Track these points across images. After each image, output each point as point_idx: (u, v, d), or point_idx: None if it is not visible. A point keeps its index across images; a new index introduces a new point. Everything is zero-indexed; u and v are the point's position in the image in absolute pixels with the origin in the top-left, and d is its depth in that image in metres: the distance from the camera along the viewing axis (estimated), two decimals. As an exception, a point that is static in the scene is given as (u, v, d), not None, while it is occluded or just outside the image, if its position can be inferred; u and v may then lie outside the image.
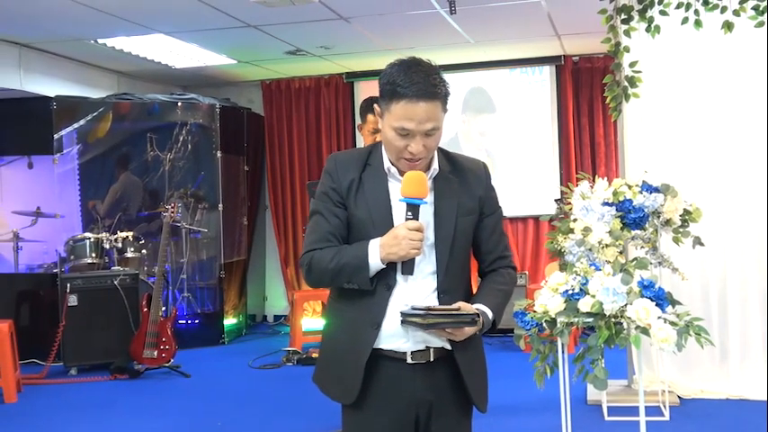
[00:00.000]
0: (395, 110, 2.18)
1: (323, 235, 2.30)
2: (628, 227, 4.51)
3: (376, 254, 2.21)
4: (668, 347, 3.00)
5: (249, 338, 8.52)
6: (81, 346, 6.81)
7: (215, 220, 8.14)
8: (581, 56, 8.29)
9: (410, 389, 2.29)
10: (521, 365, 3.96)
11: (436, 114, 2.19)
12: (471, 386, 2.34)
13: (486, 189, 2.42)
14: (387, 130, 2.24)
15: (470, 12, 6.22)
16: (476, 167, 2.44)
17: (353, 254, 2.24)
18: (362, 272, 2.22)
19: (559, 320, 3.23)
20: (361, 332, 2.28)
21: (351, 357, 2.30)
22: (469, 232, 2.37)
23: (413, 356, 2.28)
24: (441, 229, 2.29)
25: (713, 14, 5.13)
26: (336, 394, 2.38)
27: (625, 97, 5.32)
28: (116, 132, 7.99)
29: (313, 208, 2.38)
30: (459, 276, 2.34)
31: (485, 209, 2.41)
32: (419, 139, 2.19)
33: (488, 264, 2.44)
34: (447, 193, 2.32)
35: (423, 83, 2.17)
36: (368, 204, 2.29)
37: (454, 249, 2.30)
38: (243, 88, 9.37)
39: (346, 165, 2.34)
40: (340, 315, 2.39)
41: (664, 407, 4.99)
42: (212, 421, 5.41)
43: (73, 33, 6.66)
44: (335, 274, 2.26)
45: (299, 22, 6.46)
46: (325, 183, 2.34)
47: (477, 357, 2.41)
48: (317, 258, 2.28)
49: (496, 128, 8.53)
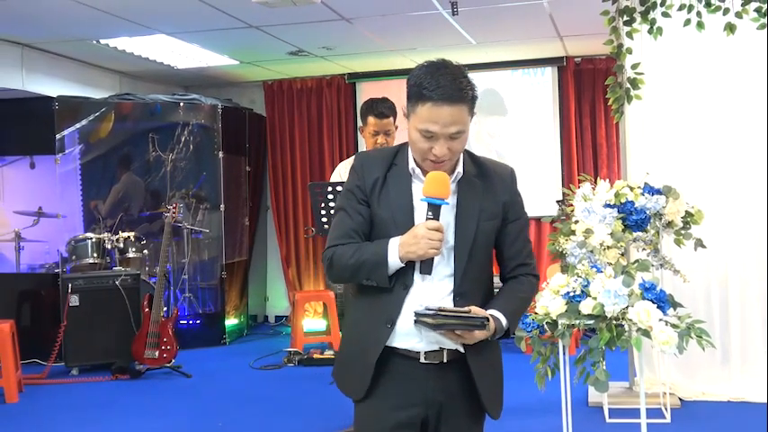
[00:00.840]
0: (420, 112, 2.18)
1: (346, 231, 2.32)
2: (629, 229, 4.51)
3: (395, 252, 2.22)
4: (669, 350, 3.00)
5: (250, 339, 8.52)
6: (82, 347, 6.81)
7: (216, 220, 8.14)
8: (583, 57, 8.29)
9: (422, 388, 2.29)
10: (522, 367, 3.96)
11: (462, 118, 2.19)
12: (483, 392, 2.34)
13: (511, 194, 2.40)
14: (412, 132, 2.24)
15: (472, 13, 6.22)
16: (502, 172, 2.42)
17: (373, 251, 2.25)
18: (381, 269, 2.23)
19: (561, 322, 3.23)
20: (376, 329, 2.29)
21: (363, 353, 2.31)
22: (491, 237, 2.36)
23: (426, 356, 2.28)
24: (461, 232, 2.29)
25: (715, 16, 5.14)
26: (348, 389, 2.40)
27: (627, 99, 5.32)
28: (118, 132, 7.99)
29: (338, 204, 2.40)
30: (477, 281, 2.33)
31: (509, 214, 2.39)
32: (443, 141, 2.19)
33: (510, 270, 2.43)
34: (470, 197, 2.32)
35: (449, 86, 2.16)
36: (390, 204, 2.30)
37: (473, 253, 2.29)
38: (245, 89, 9.37)
39: (372, 163, 2.35)
40: (358, 311, 2.42)
41: (665, 409, 4.99)
42: (213, 422, 5.41)
43: (75, 33, 6.67)
44: (355, 270, 2.28)
45: (301, 22, 6.46)
46: (351, 180, 2.36)
47: (493, 363, 2.41)
48: (339, 254, 2.30)
49: (497, 129, 8.52)
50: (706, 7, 5.15)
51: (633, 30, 5.28)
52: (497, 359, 2.44)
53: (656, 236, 4.71)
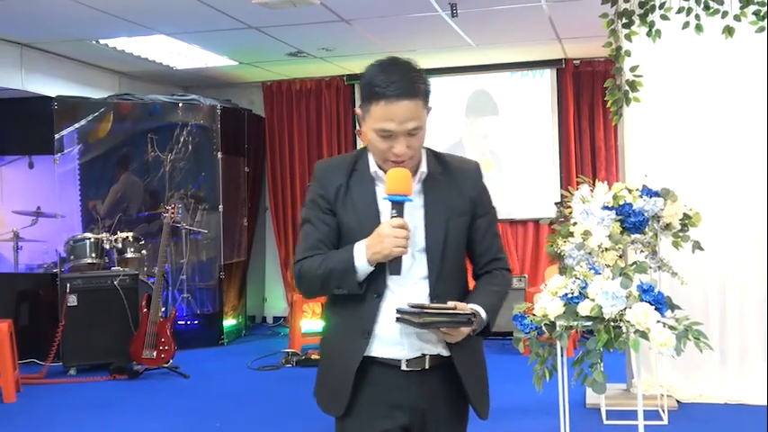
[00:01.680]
0: (374, 111, 2.13)
1: (313, 243, 2.25)
2: (627, 231, 4.52)
3: (362, 255, 2.14)
4: (667, 351, 3.01)
5: (248, 339, 8.52)
6: (80, 347, 6.81)
7: (215, 221, 8.14)
8: (582, 59, 8.30)
9: (404, 397, 2.23)
10: (520, 369, 3.96)
11: (417, 113, 2.13)
12: (471, 392, 2.27)
13: (478, 189, 2.34)
14: (369, 133, 2.18)
15: (472, 15, 6.23)
16: (467, 167, 2.36)
17: (340, 258, 2.18)
18: (350, 275, 2.16)
19: (559, 324, 3.24)
20: (352, 341, 2.22)
21: (341, 367, 2.24)
22: (462, 234, 2.29)
23: (408, 364, 2.21)
24: (431, 232, 2.22)
25: (714, 19, 5.15)
26: (328, 406, 2.32)
27: (626, 101, 5.33)
28: (117, 133, 7.99)
29: (303, 216, 2.33)
30: (452, 280, 2.27)
31: (477, 210, 2.32)
32: (402, 139, 2.13)
33: (482, 266, 2.36)
34: (437, 195, 2.26)
35: (401, 81, 2.11)
36: (356, 210, 2.23)
37: (446, 252, 2.23)
38: (244, 89, 9.37)
39: (333, 171, 2.29)
40: (332, 324, 2.34)
41: (662, 411, 4.99)
42: (211, 422, 5.41)
43: (74, 33, 6.67)
44: (324, 279, 2.21)
45: (301, 23, 6.47)
46: (314, 190, 2.29)
47: (478, 362, 2.35)
48: (307, 267, 2.23)
49: (496, 131, 8.53)
50: (705, 10, 5.16)
51: (632, 32, 5.29)
52: (482, 357, 2.38)
53: (654, 238, 4.72)
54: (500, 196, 8.45)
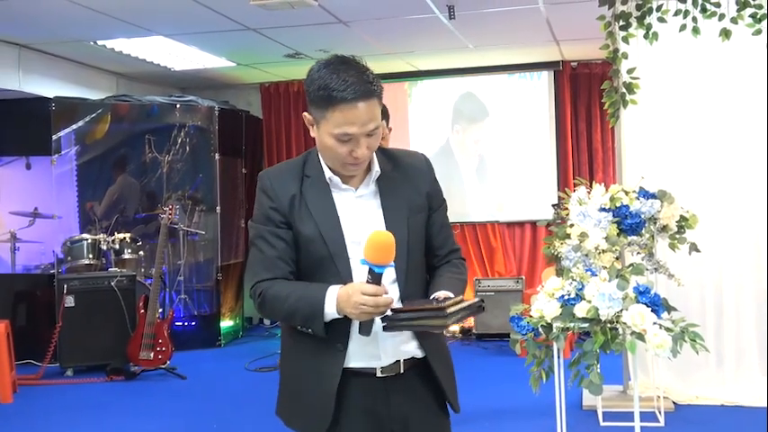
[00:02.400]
0: (333, 116, 2.05)
1: (271, 262, 2.15)
2: (624, 233, 4.53)
3: (332, 304, 2.06)
4: (663, 353, 3.02)
5: (246, 341, 8.51)
6: (77, 348, 6.80)
7: (212, 222, 8.14)
8: (579, 61, 8.32)
9: (383, 404, 2.19)
10: (517, 370, 3.97)
11: (376, 113, 2.07)
12: (447, 388, 2.26)
13: (431, 183, 2.30)
14: (325, 138, 2.10)
15: (469, 17, 6.24)
16: (417, 162, 2.31)
17: (309, 301, 2.09)
18: (317, 320, 2.07)
19: (555, 325, 3.25)
20: (326, 354, 2.14)
21: (316, 385, 2.17)
22: (422, 231, 2.25)
23: (383, 371, 2.17)
24: (394, 233, 2.10)
25: (711, 22, 5.16)
26: (304, 426, 2.24)
27: (623, 103, 5.34)
28: (114, 134, 7.99)
29: (254, 233, 2.21)
30: (418, 278, 2.24)
31: (432, 203, 2.29)
32: (363, 141, 2.07)
33: (441, 258, 2.32)
34: (394, 194, 2.21)
35: (358, 82, 2.03)
36: (314, 220, 2.14)
37: (410, 252, 2.18)
38: (242, 91, 9.38)
39: (282, 180, 2.19)
40: (298, 341, 2.22)
41: (659, 412, 5.00)
42: (208, 423, 5.41)
43: (72, 34, 6.67)
44: (289, 315, 2.14)
45: (299, 25, 6.47)
46: (264, 203, 2.18)
47: (447, 357, 2.33)
48: (271, 296, 2.14)
49: (494, 132, 8.54)
50: (701, 13, 5.17)
51: (629, 35, 5.30)
52: (448, 352, 2.35)
53: (650, 240, 4.73)
54: (497, 198, 8.47)
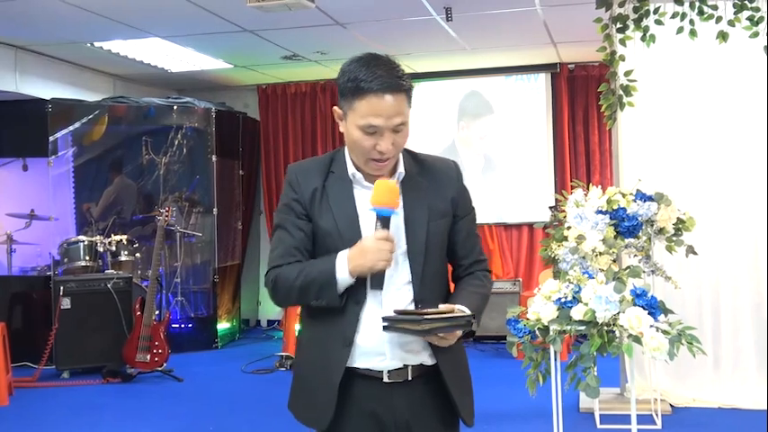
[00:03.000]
0: (360, 107, 2.05)
1: (287, 250, 2.17)
2: (621, 235, 4.52)
3: (344, 267, 2.06)
4: (660, 356, 3.02)
5: (242, 343, 8.50)
6: (74, 350, 6.79)
7: (209, 224, 8.13)
8: (577, 64, 8.32)
9: (387, 409, 2.15)
10: (513, 373, 3.96)
11: (403, 108, 2.07)
12: (458, 399, 2.20)
13: (458, 190, 2.27)
14: (352, 131, 2.09)
15: (467, 19, 6.24)
16: (446, 167, 2.29)
17: (320, 269, 2.09)
18: (330, 288, 2.07)
19: (552, 328, 3.25)
20: (333, 351, 2.13)
21: (322, 379, 2.16)
22: (444, 236, 2.22)
23: (390, 375, 2.14)
24: (412, 235, 2.14)
25: (708, 24, 5.17)
26: (309, 420, 2.22)
27: (620, 106, 5.34)
28: (111, 135, 7.98)
29: (276, 222, 2.24)
30: (435, 284, 2.20)
31: (458, 210, 2.25)
32: (388, 135, 2.07)
33: (465, 268, 2.30)
34: (416, 197, 2.18)
35: (386, 75, 2.05)
36: (333, 215, 2.15)
37: (428, 256, 2.16)
38: (239, 92, 9.37)
39: (307, 174, 2.21)
40: (311, 333, 2.24)
41: (656, 415, 5.00)
42: (204, 426, 5.40)
43: (69, 36, 6.66)
44: (302, 291, 2.12)
45: (296, 27, 6.47)
46: (288, 194, 2.21)
47: (462, 368, 2.29)
48: (283, 276, 2.14)
49: (493, 133, 8.54)
50: (699, 15, 5.18)
51: (626, 37, 5.30)
52: (465, 362, 2.31)
53: (647, 242, 4.73)
54: (495, 200, 8.46)
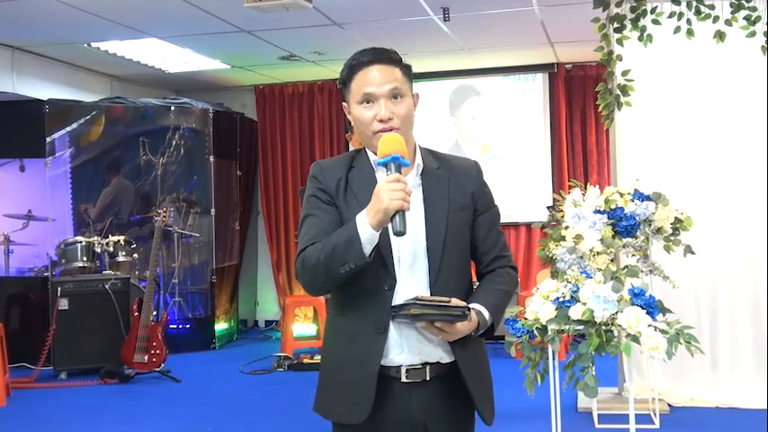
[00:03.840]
0: (354, 84, 2.19)
1: (316, 233, 2.16)
2: (619, 235, 4.52)
3: (364, 221, 2.03)
4: (658, 355, 3.01)
5: (240, 344, 8.50)
6: (71, 351, 6.78)
7: (207, 224, 8.13)
8: (574, 63, 8.32)
9: (406, 409, 2.16)
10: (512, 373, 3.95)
11: (395, 76, 2.16)
12: (477, 397, 2.21)
13: (479, 185, 2.29)
14: (354, 111, 2.20)
15: (464, 19, 6.24)
16: (466, 165, 2.33)
17: (341, 232, 2.09)
18: (355, 245, 2.03)
19: (550, 328, 3.24)
20: (367, 340, 2.14)
21: (358, 369, 2.15)
22: (464, 229, 2.23)
23: (408, 375, 2.15)
24: (432, 225, 2.16)
25: (705, 24, 5.17)
26: (343, 414, 2.20)
27: (617, 105, 5.35)
28: (108, 136, 7.98)
29: (304, 213, 2.26)
30: (454, 277, 2.19)
31: (479, 205, 2.27)
32: (385, 102, 2.14)
33: (486, 264, 2.29)
34: (436, 189, 2.21)
35: (375, 51, 2.19)
36: (358, 200, 2.16)
37: (447, 247, 2.16)
38: (236, 93, 9.37)
39: (331, 167, 2.26)
40: (341, 327, 2.24)
41: (654, 415, 5.00)
42: (202, 427, 5.39)
43: (66, 37, 6.65)
44: (329, 259, 2.07)
45: (293, 27, 6.47)
46: (312, 185, 2.26)
47: (482, 366, 2.29)
48: (309, 253, 2.13)
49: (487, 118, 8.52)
50: (696, 15, 5.19)
51: (623, 37, 5.30)
52: (486, 360, 2.32)
53: (645, 242, 4.73)
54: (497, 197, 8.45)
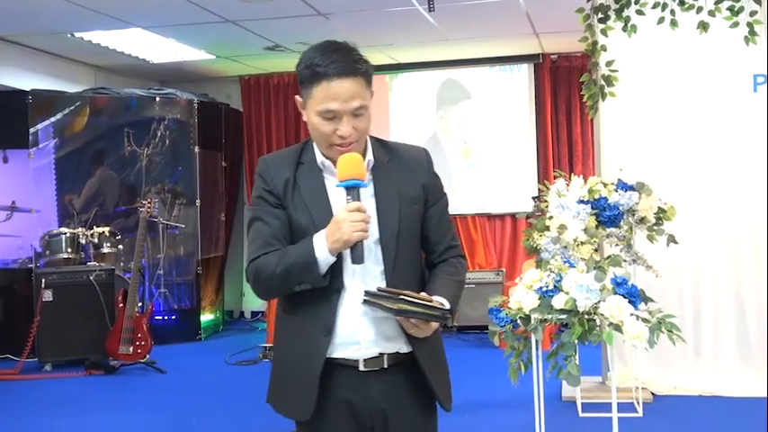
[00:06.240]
0: (317, 93, 2.06)
1: (265, 240, 2.15)
2: (603, 224, 4.54)
3: (322, 245, 2.05)
4: (640, 344, 3.04)
5: (226, 334, 8.49)
6: (56, 342, 6.76)
7: (192, 215, 8.10)
8: (559, 54, 8.33)
9: (363, 398, 2.17)
10: (496, 362, 3.98)
11: (360, 92, 2.08)
12: (435, 384, 2.21)
13: (429, 176, 2.27)
14: (312, 118, 2.10)
15: (449, 9, 6.23)
16: (416, 154, 2.30)
17: (299, 251, 2.09)
18: (312, 268, 2.06)
19: (533, 317, 3.26)
20: (313, 340, 2.14)
21: (303, 368, 2.16)
22: (416, 223, 2.22)
23: (365, 364, 2.15)
24: (384, 222, 2.14)
25: (689, 14, 5.20)
26: (290, 410, 2.23)
27: (601, 96, 5.37)
28: (93, 127, 7.93)
29: (251, 215, 2.22)
30: (409, 271, 2.20)
31: (430, 197, 2.25)
32: (347, 119, 2.07)
33: (438, 254, 2.29)
34: (387, 184, 2.19)
35: (342, 60, 2.07)
36: (307, 206, 2.15)
37: (401, 242, 2.16)
38: (221, 84, 9.33)
39: (278, 165, 2.21)
40: (289, 325, 2.23)
41: (637, 403, 5.04)
42: (187, 417, 5.40)
43: (50, 27, 6.61)
44: (285, 276, 2.09)
45: (278, 17, 6.45)
46: (259, 186, 2.20)
47: (439, 355, 2.29)
48: (263, 266, 2.12)
49: (474, 122, 8.54)
50: (680, 5, 5.21)
51: (608, 27, 5.32)
52: (442, 349, 2.32)
53: (628, 232, 4.75)
54: (478, 190, 8.48)
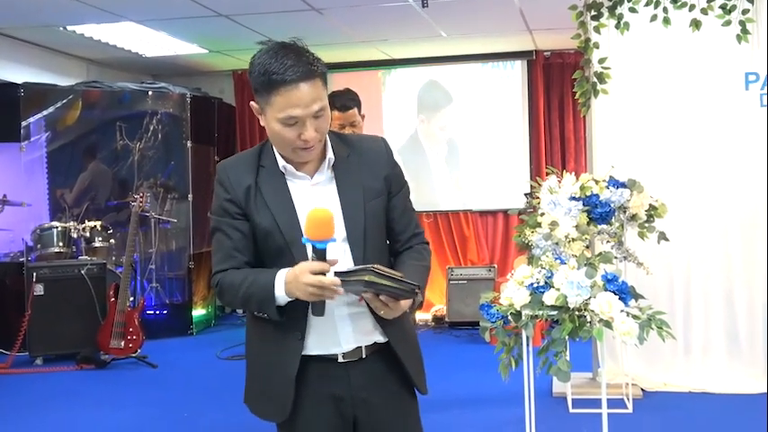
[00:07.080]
0: (276, 101, 2.04)
1: (227, 253, 2.17)
2: (594, 221, 4.56)
3: (281, 287, 2.06)
4: (630, 340, 3.06)
5: (218, 329, 8.48)
6: (47, 336, 6.74)
7: (184, 210, 8.09)
8: (552, 51, 8.35)
9: (343, 388, 2.19)
10: (487, 358, 3.99)
11: (319, 93, 2.06)
12: (412, 372, 2.25)
13: (390, 166, 2.28)
14: (273, 125, 2.08)
15: (442, 5, 6.24)
16: (375, 145, 2.30)
17: (262, 283, 2.09)
18: (270, 303, 2.08)
19: (524, 313, 3.28)
20: (286, 342, 2.17)
21: (278, 371, 2.19)
22: (381, 216, 2.24)
23: (344, 356, 2.18)
24: (350, 219, 2.15)
25: (681, 12, 5.22)
26: (268, 412, 2.27)
27: (594, 93, 5.38)
28: (85, 121, 7.91)
29: (212, 225, 2.22)
30: (378, 262, 2.14)
31: (392, 187, 2.26)
32: (310, 123, 2.05)
33: (403, 242, 2.30)
34: (349, 179, 2.19)
35: (297, 64, 2.04)
36: (271, 212, 2.14)
37: (368, 238, 2.17)
38: (214, 78, 9.32)
39: (238, 171, 2.19)
40: (263, 326, 2.23)
41: (627, 399, 5.06)
42: (179, 412, 5.39)
43: (42, 20, 6.58)
44: (245, 303, 2.15)
45: (271, 12, 6.43)
46: (220, 195, 2.19)
47: (413, 344, 2.33)
48: (227, 284, 2.16)
49: (464, 120, 8.55)
50: (672, 3, 5.23)
51: (600, 24, 5.33)
52: (415, 336, 2.38)
53: (620, 229, 4.77)
54: (470, 186, 8.50)
